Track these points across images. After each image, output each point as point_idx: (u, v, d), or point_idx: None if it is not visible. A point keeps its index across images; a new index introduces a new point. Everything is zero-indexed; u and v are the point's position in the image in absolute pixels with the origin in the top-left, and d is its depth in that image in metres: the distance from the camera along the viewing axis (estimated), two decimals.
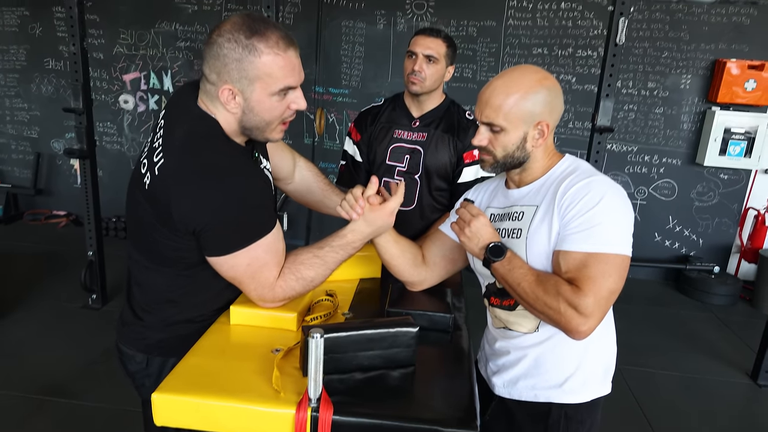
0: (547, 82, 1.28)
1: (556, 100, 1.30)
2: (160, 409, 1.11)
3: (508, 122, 1.27)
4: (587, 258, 1.19)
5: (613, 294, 1.19)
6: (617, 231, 1.20)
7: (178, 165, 1.24)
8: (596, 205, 1.20)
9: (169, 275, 1.38)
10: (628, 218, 1.24)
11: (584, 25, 4.51)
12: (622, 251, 1.20)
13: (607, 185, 1.24)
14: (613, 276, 1.18)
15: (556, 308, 1.19)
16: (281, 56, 1.23)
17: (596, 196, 1.21)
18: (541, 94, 1.27)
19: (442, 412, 1.12)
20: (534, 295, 1.22)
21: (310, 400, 1.07)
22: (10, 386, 2.85)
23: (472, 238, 1.34)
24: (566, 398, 1.35)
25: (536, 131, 1.29)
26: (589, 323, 1.17)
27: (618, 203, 1.23)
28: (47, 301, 3.82)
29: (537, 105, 1.26)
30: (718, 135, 4.38)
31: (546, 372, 1.35)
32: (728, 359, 3.58)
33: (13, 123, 5.38)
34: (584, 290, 1.16)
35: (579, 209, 1.21)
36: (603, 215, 1.20)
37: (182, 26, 4.88)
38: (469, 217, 1.36)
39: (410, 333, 1.23)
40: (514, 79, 1.28)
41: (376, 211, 1.44)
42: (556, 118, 1.32)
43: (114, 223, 5.10)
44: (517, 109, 1.26)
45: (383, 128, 2.24)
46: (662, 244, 4.82)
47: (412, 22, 4.59)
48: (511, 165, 1.34)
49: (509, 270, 1.27)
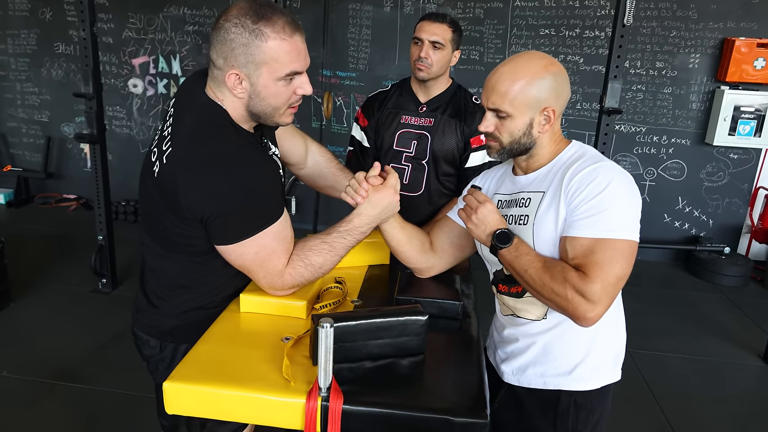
0: (553, 68, 1.28)
1: (563, 86, 1.30)
2: (172, 397, 1.12)
3: (514, 108, 1.27)
4: (594, 244, 1.18)
5: (620, 280, 1.19)
6: (624, 216, 1.20)
7: (185, 153, 1.26)
8: (603, 191, 1.19)
9: (181, 262, 1.40)
10: (635, 203, 1.23)
11: (591, 5, 4.48)
12: (629, 236, 1.19)
13: (614, 171, 1.24)
14: (621, 262, 1.17)
15: (563, 295, 1.18)
16: (287, 41, 1.24)
17: (603, 182, 1.20)
18: (547, 79, 1.26)
19: (452, 400, 1.12)
20: (541, 282, 1.22)
21: (320, 389, 1.07)
22: (21, 370, 2.88)
23: (479, 225, 1.35)
24: (576, 386, 1.34)
25: (542, 117, 1.29)
26: (596, 310, 1.16)
27: (625, 189, 1.22)
28: (58, 285, 3.85)
29: (543, 91, 1.26)
30: (727, 114, 4.35)
31: (555, 359, 1.35)
32: (740, 341, 3.56)
33: (23, 107, 5.42)
34: (591, 276, 1.16)
35: (586, 195, 1.21)
36: (610, 201, 1.19)
37: (190, 10, 4.90)
38: (476, 204, 1.36)
39: (420, 321, 1.23)
40: (520, 65, 1.28)
41: (380, 191, 1.45)
42: (562, 104, 1.31)
43: (123, 206, 5.15)
44: (523, 95, 1.26)
45: (390, 114, 2.24)
46: (672, 225, 4.80)
47: (419, 5, 4.57)
48: (518, 151, 1.33)
49: (516, 257, 1.27)
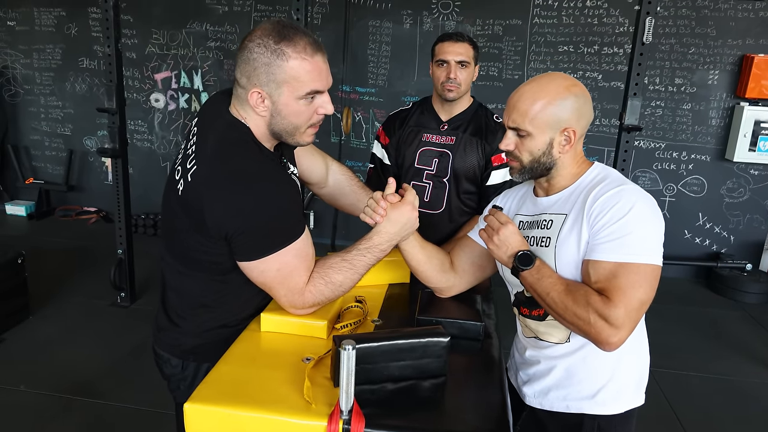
0: (575, 89, 1.27)
1: (585, 107, 1.29)
2: (192, 419, 1.12)
3: (534, 127, 1.27)
4: (617, 268, 1.17)
5: (644, 305, 1.18)
6: (648, 241, 1.19)
7: (210, 171, 1.28)
8: (626, 215, 1.18)
9: (203, 280, 1.41)
10: (658, 227, 1.22)
11: (610, 23, 4.51)
12: (652, 261, 1.18)
13: (638, 194, 1.23)
14: (644, 286, 1.17)
15: (585, 319, 1.17)
16: (308, 61, 1.26)
17: (626, 205, 1.19)
18: (569, 100, 1.26)
19: (474, 424, 1.12)
20: (563, 305, 1.21)
21: (341, 412, 1.06)
22: (39, 385, 2.87)
23: (501, 246, 1.33)
24: (599, 410, 1.33)
25: (563, 137, 1.28)
26: (619, 334, 1.15)
27: (648, 212, 1.21)
28: (77, 298, 3.87)
29: (564, 111, 1.26)
30: (747, 130, 4.35)
31: (578, 383, 1.33)
32: (763, 359, 3.51)
33: (47, 120, 5.51)
34: (614, 301, 1.15)
35: (609, 218, 1.19)
36: (633, 225, 1.18)
37: (213, 26, 4.98)
38: (498, 225, 1.35)
39: (441, 343, 1.22)
40: (542, 85, 1.28)
41: (398, 208, 1.45)
42: (584, 125, 1.30)
43: (143, 220, 5.19)
44: (544, 114, 1.26)
45: (412, 132, 2.26)
46: (692, 242, 4.78)
47: (438, 22, 4.63)
48: (539, 172, 1.33)
49: (538, 279, 1.26)
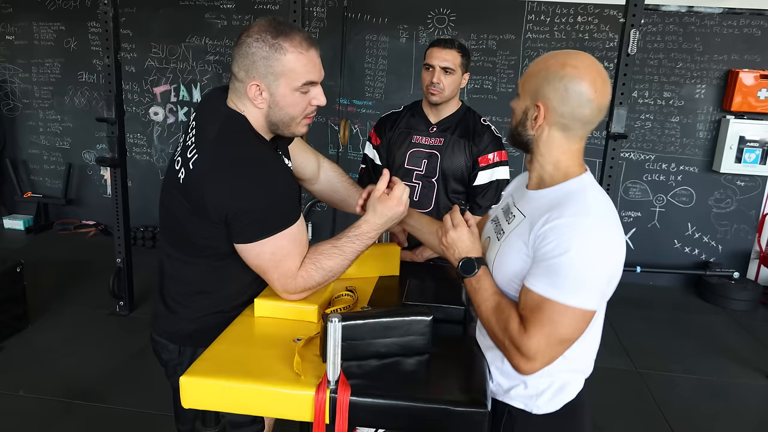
0: (570, 69, 1.15)
1: (575, 95, 1.15)
2: (188, 391, 1.17)
3: (521, 88, 1.25)
4: (542, 302, 1.12)
5: (564, 342, 1.14)
6: (581, 284, 1.10)
7: (211, 157, 1.36)
8: (565, 253, 1.10)
9: (201, 266, 1.48)
10: (601, 272, 1.12)
11: (600, 38, 4.65)
12: (581, 305, 1.11)
13: (591, 232, 1.11)
14: (567, 327, 1.12)
15: (501, 341, 1.19)
16: (304, 54, 1.35)
17: (567, 243, 1.10)
18: (557, 76, 1.16)
19: (454, 392, 1.18)
20: (488, 322, 1.23)
21: (329, 382, 1.13)
22: (38, 390, 2.91)
23: (449, 248, 1.36)
24: (512, 402, 1.29)
25: (533, 110, 1.20)
26: (530, 365, 1.14)
27: (593, 255, 1.10)
28: (75, 308, 3.89)
29: (547, 85, 1.17)
30: (733, 143, 4.48)
31: (496, 375, 1.31)
32: (749, 363, 3.62)
33: (46, 134, 5.55)
34: (530, 333, 1.12)
35: (548, 251, 1.12)
36: (569, 265, 1.09)
37: (212, 41, 5.06)
38: (449, 226, 1.36)
39: (424, 321, 1.28)
40: (553, 53, 1.22)
41: (385, 202, 1.51)
42: (561, 113, 1.17)
43: (142, 232, 5.20)
44: (531, 79, 1.21)
45: (402, 133, 2.36)
46: (682, 251, 4.89)
47: (433, 36, 4.74)
48: (518, 141, 1.27)
49: (476, 289, 1.27)
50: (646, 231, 4.90)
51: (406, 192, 1.55)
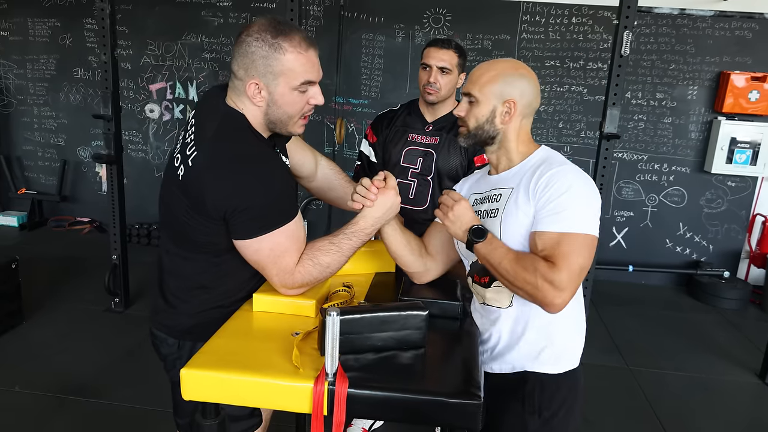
0: (522, 71, 1.44)
1: (528, 89, 1.43)
2: (189, 384, 1.19)
3: (481, 94, 1.42)
4: (560, 237, 1.30)
5: (583, 270, 1.30)
6: (585, 214, 1.33)
7: (210, 154, 1.37)
8: (566, 192, 1.32)
9: (201, 262, 1.49)
10: (594, 203, 1.36)
11: (594, 39, 4.69)
12: (589, 231, 1.32)
13: (576, 174, 1.37)
14: (583, 253, 1.30)
15: (533, 283, 1.29)
16: (303, 54, 1.37)
17: (566, 184, 1.33)
18: (515, 78, 1.42)
19: (449, 385, 1.21)
20: (513, 272, 1.32)
21: (327, 374, 1.15)
22: (33, 386, 2.91)
23: (456, 222, 1.44)
24: (541, 368, 1.44)
25: (504, 108, 1.42)
26: (563, 296, 1.28)
27: (585, 191, 1.35)
28: (70, 304, 3.89)
29: (508, 86, 1.41)
30: (724, 144, 4.53)
31: (521, 346, 1.45)
32: (738, 360, 3.66)
33: (40, 131, 5.54)
34: (558, 266, 1.27)
35: (551, 194, 1.33)
36: (572, 200, 1.32)
37: (208, 38, 5.07)
38: (452, 202, 1.45)
39: (420, 316, 1.31)
40: (497, 62, 1.47)
41: (382, 194, 1.53)
42: (525, 103, 1.44)
43: (137, 229, 5.20)
44: (491, 84, 1.41)
45: (398, 131, 2.38)
46: (673, 250, 4.94)
47: (429, 36, 4.77)
48: (482, 138, 1.46)
49: (491, 250, 1.38)
50: (638, 230, 4.95)
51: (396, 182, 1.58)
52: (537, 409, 1.43)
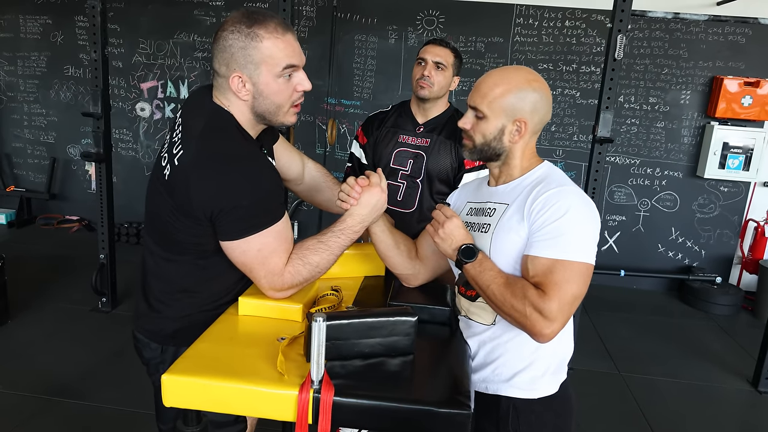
0: (536, 84, 1.33)
1: (541, 104, 1.34)
2: (170, 390, 1.16)
3: (490, 111, 1.33)
4: (553, 264, 1.23)
5: (576, 299, 1.23)
6: (582, 241, 1.25)
7: (196, 153, 1.34)
8: (564, 215, 1.24)
9: (186, 265, 1.46)
10: (593, 229, 1.28)
11: (587, 42, 4.69)
12: (585, 260, 1.24)
13: (576, 196, 1.29)
14: (577, 282, 1.23)
15: (522, 311, 1.22)
16: (281, 39, 1.34)
17: (564, 207, 1.25)
18: (527, 93, 1.32)
19: (438, 394, 1.18)
20: (502, 297, 1.26)
21: (312, 382, 1.12)
22: (17, 386, 2.88)
23: (446, 239, 1.39)
24: (514, 392, 1.38)
25: (514, 127, 1.34)
26: (552, 327, 1.21)
27: (584, 215, 1.27)
28: (57, 303, 3.85)
29: (520, 102, 1.32)
30: (717, 149, 4.54)
31: (497, 366, 1.39)
32: (730, 367, 3.66)
33: (30, 128, 5.49)
34: (549, 295, 1.20)
35: (547, 217, 1.25)
36: (569, 225, 1.24)
37: (200, 37, 5.04)
38: (443, 219, 1.40)
39: (409, 322, 1.28)
40: (507, 73, 1.35)
41: (368, 191, 1.51)
42: (537, 121, 1.35)
43: (126, 228, 5.18)
44: (501, 100, 1.32)
45: (389, 133, 2.36)
46: (665, 255, 4.94)
47: (422, 37, 4.74)
48: (488, 155, 1.39)
49: (480, 272, 1.31)
50: (630, 235, 4.95)
51: (384, 180, 1.56)
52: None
